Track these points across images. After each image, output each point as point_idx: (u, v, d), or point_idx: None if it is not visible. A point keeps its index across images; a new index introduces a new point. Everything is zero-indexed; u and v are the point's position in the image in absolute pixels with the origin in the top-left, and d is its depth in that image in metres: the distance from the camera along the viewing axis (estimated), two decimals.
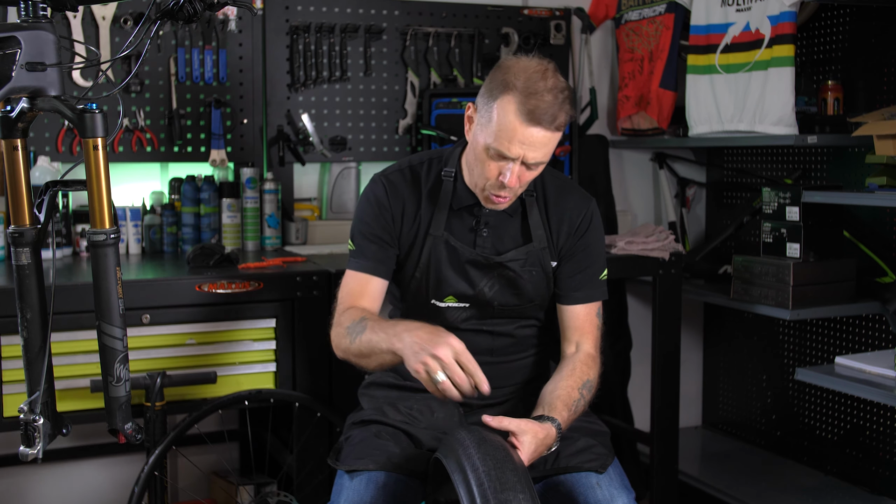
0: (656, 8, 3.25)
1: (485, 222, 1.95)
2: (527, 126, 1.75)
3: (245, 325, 2.42)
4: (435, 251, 1.95)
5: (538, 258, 1.96)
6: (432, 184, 1.97)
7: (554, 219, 1.98)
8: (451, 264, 1.95)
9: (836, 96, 2.97)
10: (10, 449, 2.73)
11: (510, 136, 1.77)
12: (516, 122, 1.75)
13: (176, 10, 1.51)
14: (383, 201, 1.96)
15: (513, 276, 1.95)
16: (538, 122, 1.75)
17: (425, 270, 1.96)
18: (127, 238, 2.83)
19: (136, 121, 2.85)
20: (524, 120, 1.75)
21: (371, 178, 2.02)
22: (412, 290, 1.98)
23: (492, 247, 1.96)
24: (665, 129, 3.29)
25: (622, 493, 1.78)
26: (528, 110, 1.74)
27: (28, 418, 1.52)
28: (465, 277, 1.95)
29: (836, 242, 2.86)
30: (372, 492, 1.74)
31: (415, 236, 1.97)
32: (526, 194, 1.96)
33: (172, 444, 2.29)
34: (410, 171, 2.00)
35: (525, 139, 1.76)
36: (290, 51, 3.03)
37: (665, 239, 2.86)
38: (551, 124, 1.76)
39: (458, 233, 1.96)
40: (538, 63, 1.80)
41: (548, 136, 1.77)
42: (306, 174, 3.16)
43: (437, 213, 1.95)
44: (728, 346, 3.60)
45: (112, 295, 1.51)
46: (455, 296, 1.96)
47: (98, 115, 1.46)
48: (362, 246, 1.96)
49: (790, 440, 3.31)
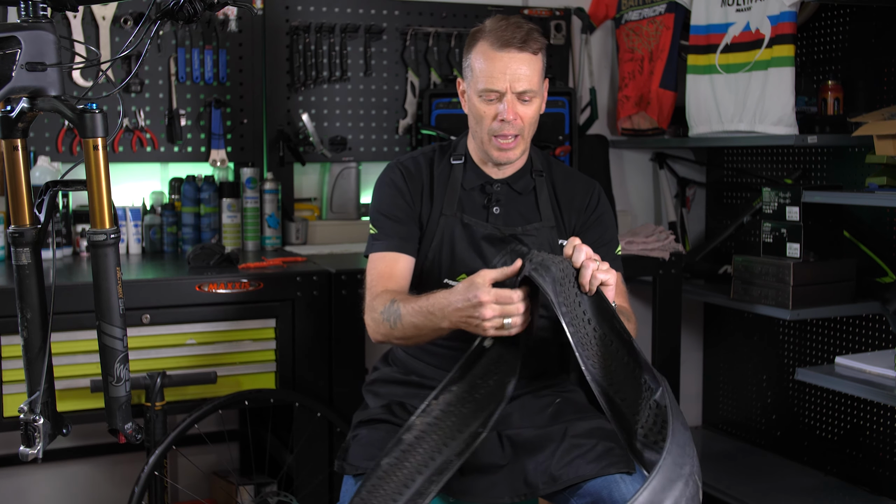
0: (656, 8, 3.25)
1: (496, 199, 1.99)
2: (501, 52, 1.86)
3: (245, 325, 2.42)
4: (448, 231, 1.98)
5: (547, 237, 1.99)
6: (443, 169, 2.02)
7: (564, 198, 2.03)
8: (467, 242, 1.97)
9: (836, 96, 2.97)
10: (10, 449, 2.73)
11: (491, 69, 1.86)
12: (492, 53, 1.87)
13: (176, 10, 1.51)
14: (401, 185, 2.00)
15: (525, 250, 1.95)
16: (509, 45, 1.85)
17: (438, 250, 1.98)
18: (127, 238, 2.83)
19: (136, 121, 2.85)
20: (497, 49, 1.86)
21: (386, 166, 2.06)
22: (425, 271, 2.00)
23: (504, 223, 1.99)
24: (665, 129, 3.29)
25: None
26: (497, 41, 1.86)
27: (28, 418, 1.52)
28: (480, 254, 1.97)
29: (836, 242, 2.86)
30: None
31: (429, 217, 2.00)
32: (535, 173, 2.01)
33: (172, 444, 2.29)
34: (423, 157, 2.05)
35: (504, 67, 1.85)
36: (290, 51, 3.03)
37: (665, 239, 2.86)
38: (524, 45, 1.86)
39: (470, 211, 1.99)
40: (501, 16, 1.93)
41: (524, 57, 1.86)
42: (306, 174, 3.16)
43: (449, 193, 1.99)
44: (728, 346, 3.60)
45: (112, 295, 1.51)
46: (468, 273, 1.94)
47: (98, 115, 1.46)
48: (385, 226, 1.98)
49: (790, 440, 3.31)
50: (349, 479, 1.83)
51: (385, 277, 1.94)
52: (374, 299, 1.90)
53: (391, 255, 1.96)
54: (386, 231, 1.97)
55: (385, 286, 1.92)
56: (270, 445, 2.69)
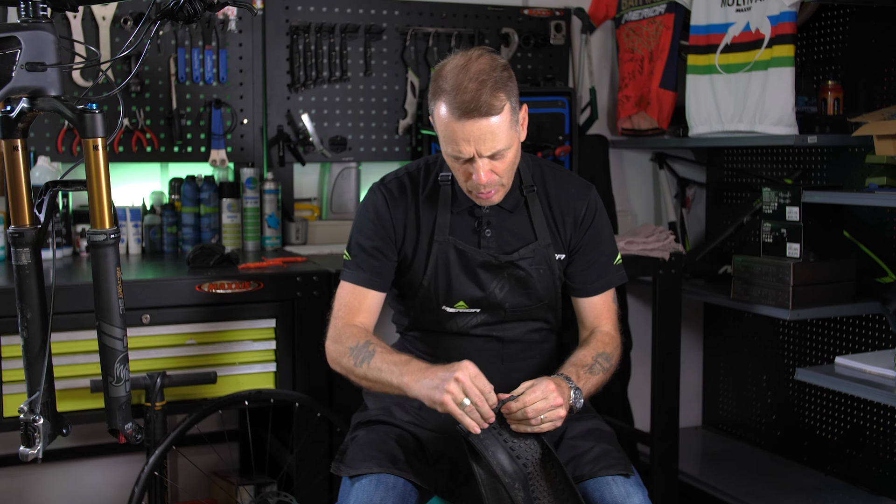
0: (656, 8, 3.25)
1: (487, 222, 1.94)
2: (462, 122, 1.74)
3: (245, 325, 2.42)
4: (443, 257, 1.94)
5: (544, 256, 1.96)
6: (430, 188, 1.97)
7: (557, 211, 1.97)
8: (461, 269, 1.94)
9: (836, 96, 2.97)
10: (10, 449, 2.73)
11: (454, 138, 1.76)
12: (452, 122, 1.75)
13: (176, 10, 1.51)
14: (382, 211, 1.95)
15: (523, 275, 1.94)
16: (469, 115, 1.73)
17: (433, 277, 1.94)
18: (127, 238, 2.83)
19: (136, 121, 2.85)
20: (457, 117, 1.74)
21: (369, 188, 2.01)
22: (420, 297, 1.97)
23: (497, 246, 1.95)
24: (665, 129, 3.29)
25: (637, 490, 1.78)
26: (456, 108, 1.73)
27: (28, 418, 1.52)
28: (476, 281, 1.94)
29: (836, 242, 2.86)
30: (382, 493, 1.74)
31: (417, 243, 1.95)
32: (526, 189, 1.96)
33: (172, 444, 2.29)
34: (408, 177, 1.99)
35: (467, 135, 1.75)
36: (290, 51, 3.03)
37: (665, 239, 2.86)
38: (485, 113, 1.73)
39: (462, 235, 1.95)
40: (462, 56, 1.78)
41: (487, 124, 1.74)
42: (306, 174, 3.16)
43: (439, 217, 1.94)
44: (728, 346, 3.60)
45: (112, 295, 1.51)
46: (466, 301, 1.95)
47: (98, 115, 1.46)
48: (359, 257, 1.95)
49: (790, 440, 3.31)
50: (347, 481, 1.83)
51: (353, 311, 1.93)
52: (342, 330, 1.91)
53: (361, 290, 1.94)
54: (359, 262, 1.95)
55: (352, 320, 1.92)
56: (270, 445, 2.69)
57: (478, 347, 1.97)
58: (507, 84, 1.77)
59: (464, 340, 1.98)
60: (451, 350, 1.97)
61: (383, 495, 1.74)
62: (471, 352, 1.94)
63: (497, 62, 1.78)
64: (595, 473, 1.79)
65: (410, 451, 1.86)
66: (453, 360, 1.75)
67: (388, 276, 1.96)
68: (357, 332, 1.89)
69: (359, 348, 1.86)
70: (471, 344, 1.98)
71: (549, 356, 2.06)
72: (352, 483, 1.79)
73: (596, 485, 1.78)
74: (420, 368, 1.77)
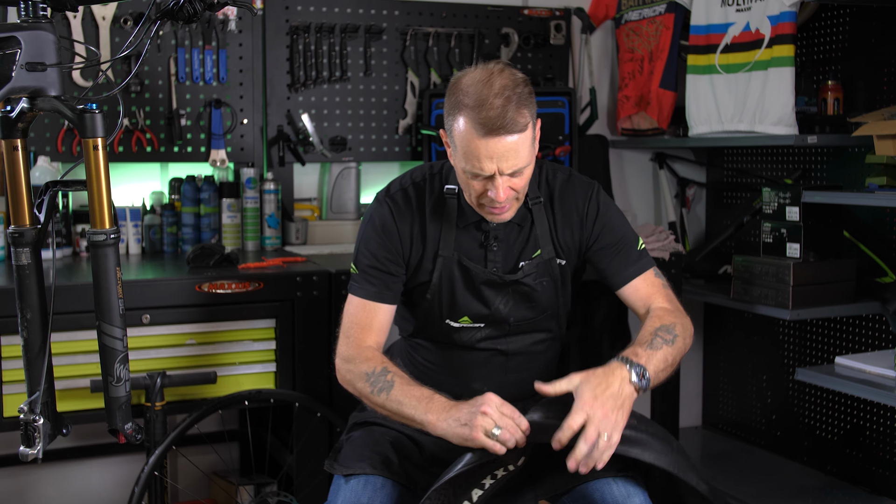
0: (656, 8, 3.25)
1: (494, 236, 1.91)
2: (487, 139, 1.68)
3: (245, 325, 2.42)
4: (447, 272, 1.91)
5: (547, 268, 1.93)
6: (436, 200, 1.92)
7: (560, 217, 1.93)
8: (465, 285, 1.91)
9: (836, 96, 2.97)
10: (10, 449, 2.73)
11: (476, 154, 1.71)
12: (476, 139, 1.69)
13: (176, 10, 1.51)
14: (389, 225, 1.90)
15: (527, 290, 1.92)
16: (496, 132, 1.68)
17: (437, 292, 1.92)
18: (127, 238, 2.83)
19: (136, 121, 2.85)
20: (482, 134, 1.68)
21: (374, 199, 1.96)
22: (424, 310, 1.95)
23: (503, 261, 1.91)
24: (665, 129, 3.29)
25: (638, 490, 1.78)
26: (481, 124, 1.68)
27: (28, 418, 1.52)
28: (480, 298, 1.91)
29: (836, 242, 2.86)
30: (370, 493, 1.74)
31: (422, 256, 1.92)
32: (533, 202, 1.92)
33: (172, 444, 2.29)
34: (414, 188, 1.94)
35: (491, 153, 1.70)
36: (290, 51, 3.03)
37: (665, 239, 2.86)
38: (511, 129, 1.69)
39: (467, 250, 1.91)
40: (482, 70, 1.73)
41: (513, 141, 1.70)
42: (306, 174, 3.16)
43: (445, 231, 1.90)
44: (728, 346, 3.60)
45: (112, 295, 1.51)
46: (470, 316, 1.93)
47: (98, 115, 1.46)
48: (367, 271, 1.90)
49: (790, 440, 3.31)
50: (339, 479, 1.82)
51: (364, 329, 1.88)
52: (358, 351, 1.85)
53: (371, 305, 1.89)
54: (368, 276, 1.89)
55: (364, 340, 1.87)
56: (270, 445, 2.69)
57: (482, 360, 1.96)
58: (529, 100, 1.73)
59: (468, 353, 1.96)
60: (455, 362, 1.96)
61: (371, 495, 1.73)
62: (475, 364, 1.94)
63: (518, 77, 1.74)
64: (595, 474, 1.79)
65: (405, 455, 1.85)
66: (457, 371, 1.72)
67: (398, 288, 1.92)
68: (371, 356, 1.83)
69: (376, 375, 1.79)
70: (475, 357, 1.96)
71: (553, 365, 2.06)
72: (344, 482, 1.79)
73: (596, 485, 1.78)
74: (444, 406, 1.70)
